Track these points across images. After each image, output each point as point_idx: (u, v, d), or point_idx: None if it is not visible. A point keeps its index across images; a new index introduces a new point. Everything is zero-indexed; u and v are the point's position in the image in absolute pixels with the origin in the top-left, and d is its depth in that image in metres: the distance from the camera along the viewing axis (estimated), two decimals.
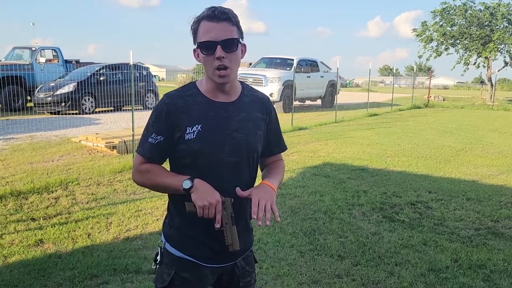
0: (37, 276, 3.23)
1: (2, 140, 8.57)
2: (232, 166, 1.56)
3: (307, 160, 7.53)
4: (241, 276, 1.70)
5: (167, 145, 1.54)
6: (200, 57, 1.53)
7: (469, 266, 3.58)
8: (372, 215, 4.77)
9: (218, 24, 1.47)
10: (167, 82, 47.64)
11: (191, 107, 1.54)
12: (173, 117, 1.52)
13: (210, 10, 1.48)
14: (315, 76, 17.68)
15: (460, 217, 4.80)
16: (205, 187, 1.48)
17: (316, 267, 3.50)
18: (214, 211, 1.46)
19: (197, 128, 1.52)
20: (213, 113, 1.55)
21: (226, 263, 1.64)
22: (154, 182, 1.57)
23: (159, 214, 4.64)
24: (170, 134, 1.53)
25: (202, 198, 1.45)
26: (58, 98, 12.75)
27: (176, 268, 1.59)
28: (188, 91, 1.58)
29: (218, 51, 1.47)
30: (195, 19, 1.52)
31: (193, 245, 1.59)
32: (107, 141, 7.49)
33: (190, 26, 1.53)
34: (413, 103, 21.68)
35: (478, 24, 25.30)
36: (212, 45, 1.47)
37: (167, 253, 1.63)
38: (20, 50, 15.43)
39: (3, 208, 4.65)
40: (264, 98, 1.72)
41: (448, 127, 13.00)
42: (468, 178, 6.59)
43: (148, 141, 1.55)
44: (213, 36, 1.46)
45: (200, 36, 1.49)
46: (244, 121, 1.59)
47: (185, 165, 1.55)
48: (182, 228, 1.60)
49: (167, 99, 1.56)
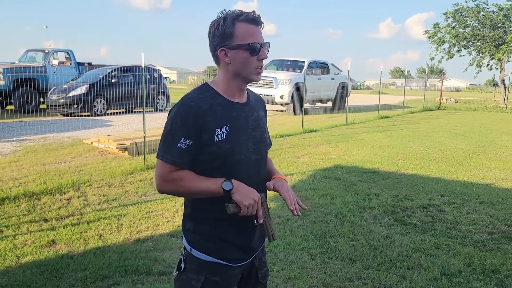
0: (50, 277, 3.25)
1: (15, 141, 8.67)
2: (255, 163, 1.63)
3: (318, 163, 7.51)
4: (259, 268, 1.77)
5: (195, 149, 1.52)
6: (241, 56, 1.54)
7: (482, 271, 3.53)
8: (384, 218, 4.73)
9: (258, 27, 1.57)
10: (178, 84, 47.87)
11: (215, 108, 1.55)
12: (201, 120, 1.51)
13: (252, 14, 1.55)
14: (325, 78, 17.64)
15: (473, 221, 4.74)
16: (244, 187, 1.53)
17: (327, 270, 3.48)
18: (256, 208, 1.54)
19: (226, 129, 1.54)
20: (235, 113, 1.59)
21: (251, 257, 1.70)
22: (189, 189, 1.54)
23: (170, 215, 4.65)
24: (199, 138, 1.51)
25: (247, 197, 1.51)
26: (70, 100, 12.88)
27: (206, 273, 1.59)
28: (206, 93, 1.58)
29: (263, 53, 1.57)
30: (227, 20, 1.52)
31: (222, 247, 1.60)
32: (118, 142, 7.54)
33: (218, 26, 1.54)
34: (424, 106, 21.50)
35: (491, 26, 25.04)
36: (258, 46, 1.55)
37: (193, 259, 1.61)
38: (34, 52, 15.63)
39: (16, 209, 4.71)
40: (261, 98, 1.85)
41: (461, 130, 12.86)
42: (481, 182, 6.51)
43: (177, 146, 1.51)
44: (258, 38, 1.55)
45: (242, 37, 1.52)
46: (257, 120, 1.67)
47: (215, 167, 1.55)
48: (209, 232, 1.60)
49: (191, 102, 1.53)
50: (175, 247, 3.85)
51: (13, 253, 3.63)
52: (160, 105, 15.81)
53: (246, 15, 1.53)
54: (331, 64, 18.56)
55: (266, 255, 1.85)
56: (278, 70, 17.04)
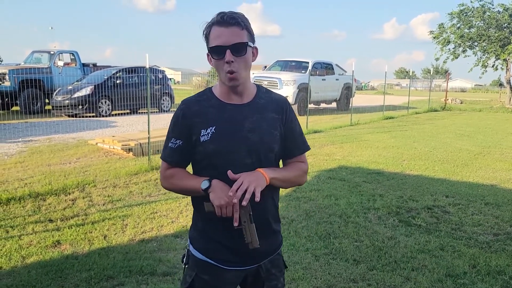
0: (55, 277, 3.27)
1: (21, 142, 8.72)
2: (249, 167, 1.56)
3: (322, 163, 7.50)
4: (266, 279, 1.71)
5: (186, 148, 1.60)
6: (212, 61, 1.56)
7: (487, 272, 3.51)
8: (388, 219, 4.72)
9: (227, 29, 1.50)
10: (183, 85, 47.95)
11: (206, 110, 1.59)
12: (188, 121, 1.58)
13: (219, 16, 1.51)
14: (330, 79, 17.61)
15: (478, 222, 4.72)
16: (222, 186, 1.51)
17: (331, 271, 3.48)
18: (232, 210, 1.49)
19: (211, 130, 1.56)
20: (227, 115, 1.59)
21: (249, 265, 1.65)
22: (179, 186, 1.63)
23: (174, 216, 4.66)
24: (188, 138, 1.59)
25: (219, 197, 1.49)
26: (75, 101, 12.94)
27: (197, 270, 1.63)
28: (203, 96, 1.65)
29: (227, 56, 1.50)
30: (206, 25, 1.55)
31: (214, 248, 1.61)
32: (123, 143, 7.56)
33: (202, 32, 1.57)
34: (429, 106, 21.41)
35: (497, 26, 24.91)
36: (221, 49, 1.50)
37: (191, 255, 1.67)
38: (39, 54, 15.72)
39: (22, 209, 4.73)
40: (280, 99, 1.72)
41: (466, 131, 12.81)
42: (486, 182, 6.48)
43: (168, 146, 1.63)
44: (222, 40, 1.50)
45: (211, 41, 1.53)
46: (258, 122, 1.60)
47: (204, 167, 1.61)
48: (204, 230, 1.64)
49: (182, 105, 1.63)
50: (179, 247, 3.86)
51: (18, 253, 3.65)
52: (165, 106, 15.85)
53: (214, 19, 1.52)
54: (336, 65, 18.53)
55: (282, 270, 1.78)
56: (282, 71, 17.02)
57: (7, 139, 8.92)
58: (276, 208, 1.72)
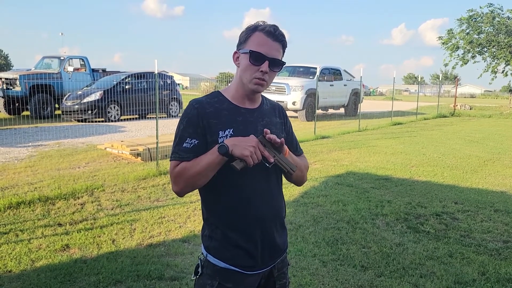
0: (63, 281, 3.29)
1: (31, 146, 8.81)
2: (262, 167, 1.57)
3: (330, 169, 7.48)
4: (278, 278, 1.75)
5: (202, 148, 1.55)
6: (244, 62, 1.59)
7: (497, 280, 3.48)
8: (396, 226, 4.69)
9: (274, 42, 1.57)
10: (191, 90, 48.17)
11: (220, 112, 1.61)
12: (205, 120, 1.57)
13: (272, 27, 1.57)
14: (338, 85, 17.60)
15: (487, 229, 4.68)
16: (238, 139, 1.51)
17: (338, 277, 3.47)
18: (260, 152, 1.50)
19: (229, 132, 1.57)
20: (241, 118, 1.62)
21: (268, 266, 1.69)
22: (195, 173, 1.52)
23: (182, 221, 4.68)
24: (204, 137, 1.56)
25: (245, 148, 1.47)
26: (85, 106, 13.07)
27: (219, 279, 1.61)
28: (214, 98, 1.65)
29: (265, 66, 1.56)
30: (251, 27, 1.59)
31: (237, 254, 1.61)
32: (131, 148, 7.61)
33: (243, 31, 1.61)
34: (438, 112, 21.30)
35: (507, 32, 24.74)
36: (262, 57, 1.55)
37: (209, 264, 1.64)
38: (49, 59, 15.91)
39: (31, 213, 4.78)
40: (278, 105, 1.84)
41: (475, 137, 12.71)
42: (496, 189, 6.42)
43: (183, 146, 1.56)
44: (265, 50, 1.55)
45: (252, 45, 1.56)
46: (268, 125, 1.67)
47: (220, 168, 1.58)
48: (225, 238, 1.62)
49: (196, 104, 1.61)
50: (187, 252, 3.87)
51: (28, 257, 3.69)
52: (173, 111, 15.93)
53: (265, 27, 1.57)
54: (344, 70, 18.52)
55: (288, 266, 1.83)
56: (290, 76, 17.05)
57: (17, 144, 9.03)
58: (284, 207, 1.79)
